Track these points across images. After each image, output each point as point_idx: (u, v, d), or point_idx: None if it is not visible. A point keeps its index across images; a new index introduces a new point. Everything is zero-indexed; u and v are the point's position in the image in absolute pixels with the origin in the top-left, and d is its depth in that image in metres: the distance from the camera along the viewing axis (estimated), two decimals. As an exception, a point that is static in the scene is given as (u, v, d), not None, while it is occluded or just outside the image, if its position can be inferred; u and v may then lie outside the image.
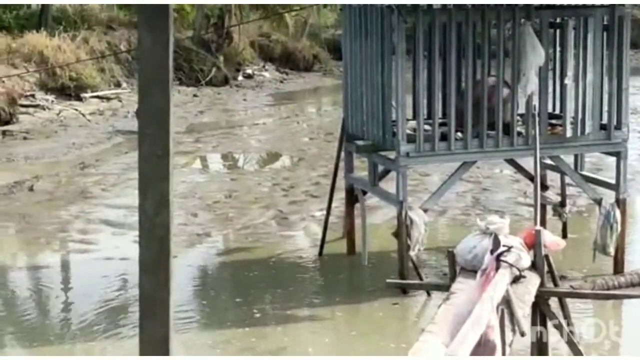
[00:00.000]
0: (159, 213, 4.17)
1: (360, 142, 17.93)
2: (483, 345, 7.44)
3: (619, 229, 17.30)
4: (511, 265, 8.54)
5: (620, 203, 17.44)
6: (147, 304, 4.27)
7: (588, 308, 16.54)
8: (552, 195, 19.79)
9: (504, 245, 8.24)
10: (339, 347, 15.46)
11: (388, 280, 11.74)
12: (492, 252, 8.02)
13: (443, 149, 16.74)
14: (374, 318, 15.97)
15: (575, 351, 10.81)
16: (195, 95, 44.48)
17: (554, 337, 11.26)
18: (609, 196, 17.75)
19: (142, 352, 4.22)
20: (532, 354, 10.93)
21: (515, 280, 9.46)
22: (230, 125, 37.40)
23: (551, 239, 10.68)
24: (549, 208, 20.05)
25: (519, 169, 19.62)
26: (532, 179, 17.52)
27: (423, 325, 9.32)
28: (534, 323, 10.75)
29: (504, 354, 7.81)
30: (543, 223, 18.15)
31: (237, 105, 43.74)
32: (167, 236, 4.21)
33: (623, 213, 17.45)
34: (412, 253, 16.72)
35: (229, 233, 21.41)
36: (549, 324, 10.80)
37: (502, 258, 8.08)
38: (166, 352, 4.14)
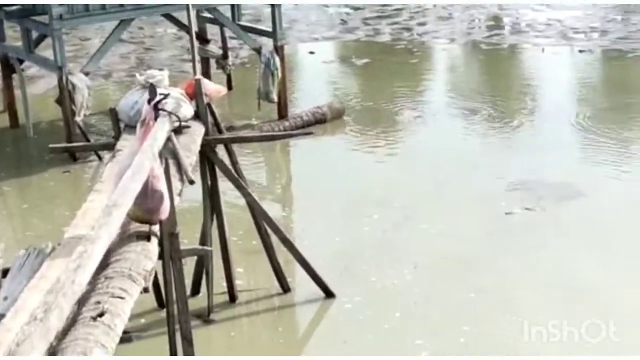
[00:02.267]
0: None
1: (8, 8, 16.91)
2: (150, 196, 7.43)
3: (280, 75, 17.81)
4: (170, 113, 8.50)
5: (278, 50, 17.89)
6: None
7: (258, 154, 17.07)
8: (214, 49, 19.92)
9: (160, 94, 8.17)
10: (11, 221, 14.95)
11: (52, 145, 11.34)
12: (149, 101, 7.93)
13: (98, 9, 16.25)
14: (45, 188, 15.56)
15: (245, 194, 11.11)
16: None
17: (224, 184, 11.53)
18: (269, 45, 18.13)
19: None
20: (204, 202, 11.12)
21: (179, 130, 9.46)
22: None
23: (212, 87, 10.74)
24: (212, 62, 20.21)
25: (181, 25, 19.45)
26: (192, 33, 17.49)
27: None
28: (203, 171, 10.90)
29: (172, 202, 7.85)
30: (208, 77, 18.28)
31: None
32: None
33: (282, 59, 17.95)
34: (78, 118, 16.33)
35: None
36: (218, 171, 10.99)
37: (160, 106, 8.03)
38: None
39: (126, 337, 10.27)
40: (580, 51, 23.56)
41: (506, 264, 12.20)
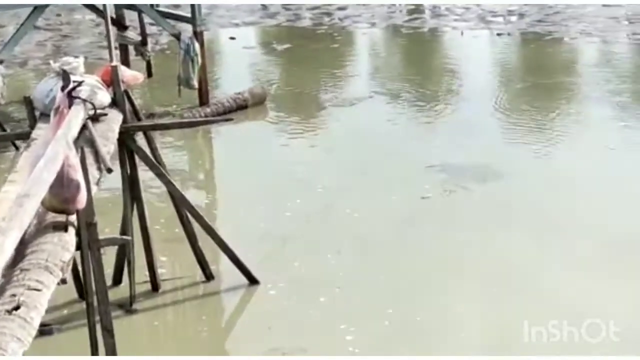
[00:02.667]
0: None
1: None
2: (66, 185, 7.27)
3: (200, 61, 17.62)
4: (84, 101, 8.32)
5: (198, 36, 17.69)
6: None
7: (179, 142, 16.89)
8: (133, 35, 19.61)
9: (74, 81, 7.99)
10: None
11: (-35, 136, 11.06)
12: (63, 89, 7.74)
13: (12, -5, 15.91)
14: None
15: (165, 182, 10.97)
16: None
17: (146, 172, 11.36)
18: (188, 31, 17.92)
19: None
20: (124, 191, 10.95)
21: (97, 117, 9.29)
22: None
23: (129, 73, 10.57)
24: (131, 49, 19.92)
25: (98, 12, 19.17)
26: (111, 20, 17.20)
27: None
28: (122, 160, 10.73)
29: (89, 191, 7.70)
30: (127, 64, 18.03)
31: None
32: None
33: (202, 45, 17.76)
34: (-8, 108, 15.98)
35: None
36: (138, 159, 10.83)
37: (74, 94, 7.85)
38: None
39: (47, 330, 10.17)
40: (499, 34, 23.84)
41: (428, 246, 12.28)
